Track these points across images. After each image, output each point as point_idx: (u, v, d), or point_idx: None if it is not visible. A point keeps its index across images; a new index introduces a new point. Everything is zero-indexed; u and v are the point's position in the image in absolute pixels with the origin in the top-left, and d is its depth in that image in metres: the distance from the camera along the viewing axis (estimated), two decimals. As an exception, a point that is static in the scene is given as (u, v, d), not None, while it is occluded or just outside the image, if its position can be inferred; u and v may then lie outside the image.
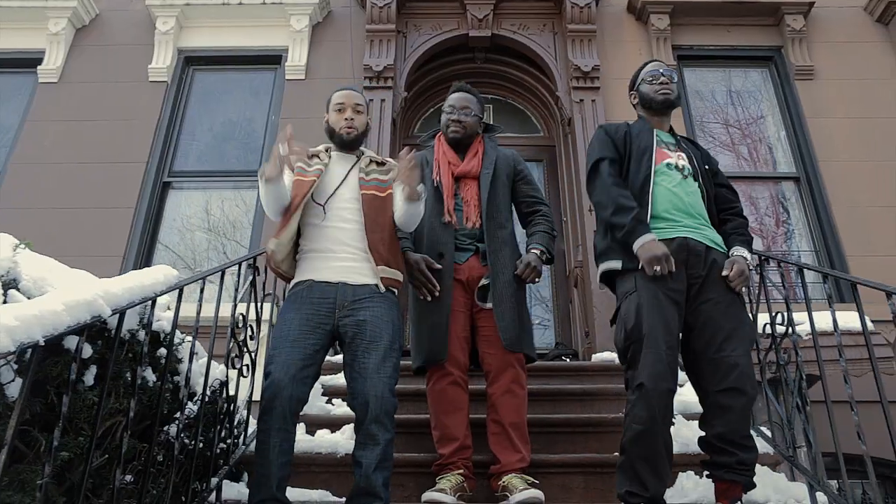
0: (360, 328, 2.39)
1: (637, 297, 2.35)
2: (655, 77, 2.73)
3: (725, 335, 2.28)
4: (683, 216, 2.47)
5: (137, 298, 1.86)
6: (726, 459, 2.23)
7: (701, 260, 2.40)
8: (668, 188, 2.50)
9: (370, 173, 2.67)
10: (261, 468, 2.26)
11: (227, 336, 2.56)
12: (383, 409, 2.31)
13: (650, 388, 2.21)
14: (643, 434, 2.21)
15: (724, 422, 2.24)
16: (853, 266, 5.17)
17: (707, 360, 2.31)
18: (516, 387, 2.76)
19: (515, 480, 2.57)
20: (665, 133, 2.72)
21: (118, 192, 5.50)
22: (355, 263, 2.49)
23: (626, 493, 2.22)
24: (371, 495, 2.25)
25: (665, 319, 2.29)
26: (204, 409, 2.36)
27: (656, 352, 2.24)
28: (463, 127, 3.03)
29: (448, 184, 2.96)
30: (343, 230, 2.53)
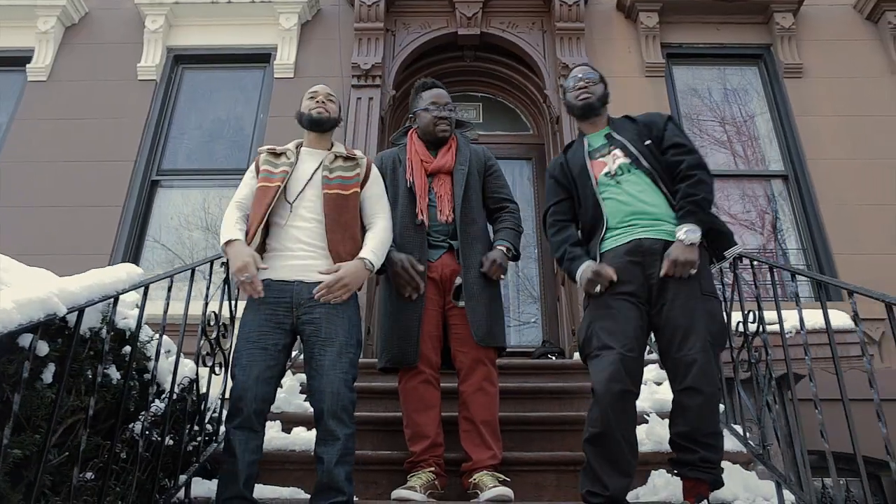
0: (315, 326, 2.40)
1: (590, 311, 2.43)
2: (575, 82, 2.73)
3: (683, 333, 2.27)
4: (637, 218, 2.46)
5: (97, 297, 1.86)
6: (690, 457, 2.23)
7: (657, 258, 2.38)
8: (614, 199, 2.51)
9: (334, 171, 2.66)
10: (228, 466, 2.28)
11: (198, 334, 2.56)
12: (340, 405, 2.33)
13: (601, 392, 2.24)
14: (599, 436, 2.23)
15: (685, 421, 2.24)
16: (840, 264, 5.17)
17: (669, 360, 2.31)
18: (488, 384, 2.76)
19: (486, 478, 2.58)
20: (596, 136, 2.69)
21: (106, 191, 5.51)
22: (313, 262, 2.49)
23: (586, 493, 2.23)
24: (334, 490, 2.27)
25: (618, 325, 2.31)
26: (172, 406, 2.37)
27: (608, 356, 2.27)
28: (450, 123, 3.04)
29: (421, 183, 2.95)
30: (302, 229, 2.54)
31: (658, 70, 5.97)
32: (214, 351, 2.68)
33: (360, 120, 5.63)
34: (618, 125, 2.70)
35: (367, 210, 2.69)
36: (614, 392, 2.22)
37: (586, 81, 2.71)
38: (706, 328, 2.28)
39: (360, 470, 2.86)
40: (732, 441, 2.80)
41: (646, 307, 2.39)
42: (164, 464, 2.37)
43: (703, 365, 2.23)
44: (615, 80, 5.87)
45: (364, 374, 3.89)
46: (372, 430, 3.23)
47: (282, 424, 3.11)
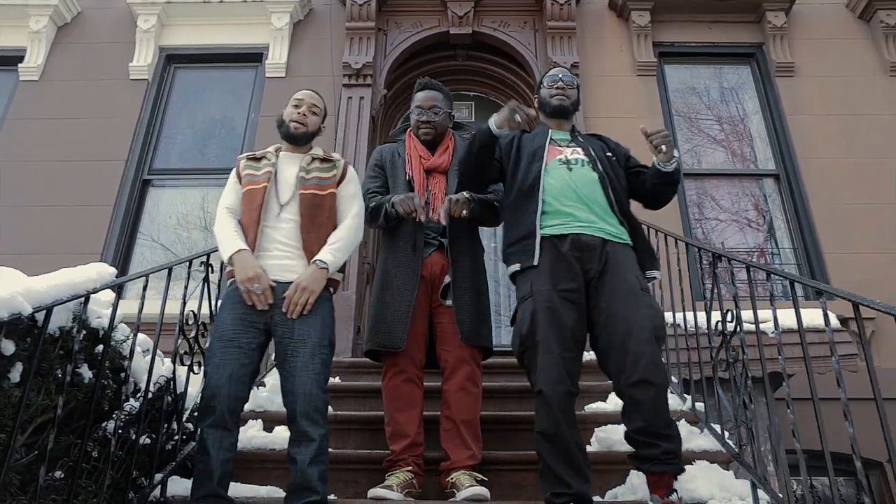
0: (288, 326, 2.41)
1: (532, 302, 2.38)
2: (554, 81, 2.75)
3: (627, 327, 2.27)
4: (578, 207, 2.47)
5: (65, 296, 1.87)
6: (652, 452, 2.22)
7: (595, 254, 2.40)
8: (560, 181, 2.52)
9: (311, 171, 2.68)
10: (202, 465, 2.29)
11: (175, 333, 2.57)
12: (312, 406, 2.33)
13: (549, 394, 2.24)
14: (552, 439, 2.23)
15: (640, 416, 2.22)
16: (830, 263, 5.17)
17: (614, 354, 2.29)
18: (470, 384, 2.76)
19: (463, 477, 2.58)
20: (561, 132, 2.72)
21: (98, 190, 5.52)
22: (288, 261, 2.50)
23: (550, 495, 2.22)
24: (308, 489, 2.27)
25: (561, 323, 2.31)
26: (149, 405, 2.37)
27: (552, 357, 2.27)
28: (433, 127, 3.04)
29: (420, 179, 2.98)
30: (279, 229, 2.55)
31: (650, 69, 5.97)
32: (193, 350, 2.69)
33: (350, 119, 5.64)
34: (582, 134, 2.77)
35: (340, 208, 2.70)
36: (561, 394, 2.23)
37: (566, 84, 2.74)
38: (650, 322, 2.29)
39: (340, 469, 2.88)
40: (711, 440, 2.80)
41: (584, 304, 2.40)
42: (140, 462, 2.38)
43: (650, 356, 2.22)
44: (607, 79, 5.93)
45: (351, 372, 3.93)
46: (356, 429, 3.23)
47: (263, 423, 3.11)
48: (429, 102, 3.06)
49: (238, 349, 2.37)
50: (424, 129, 3.03)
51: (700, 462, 2.66)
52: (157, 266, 2.59)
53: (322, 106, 2.85)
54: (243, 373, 2.37)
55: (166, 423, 2.53)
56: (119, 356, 2.31)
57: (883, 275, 5.04)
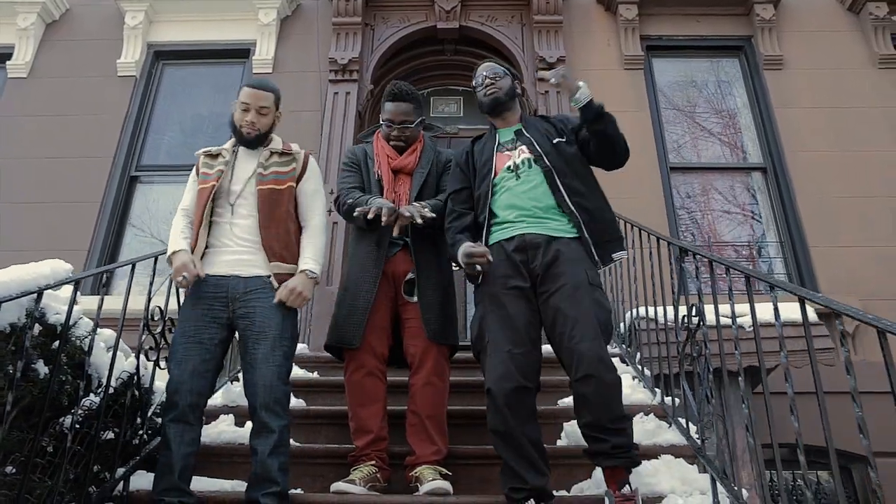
0: (249, 320, 2.44)
1: (482, 307, 2.45)
2: (481, 81, 2.74)
3: (573, 323, 2.27)
4: (522, 215, 2.50)
5: (15, 292, 1.88)
6: (601, 447, 2.23)
7: (540, 251, 2.42)
8: (507, 193, 2.55)
9: (269, 167, 2.69)
10: (164, 459, 2.32)
11: (140, 329, 2.59)
12: (273, 397, 2.35)
13: (495, 392, 2.26)
14: (503, 435, 2.25)
15: (588, 410, 2.22)
16: (816, 256, 5.15)
17: (562, 351, 2.30)
18: (437, 379, 2.77)
19: (427, 472, 2.59)
20: (508, 130, 2.72)
21: (85, 187, 5.55)
22: (248, 256, 2.52)
23: (509, 490, 2.23)
24: (268, 481, 2.29)
25: (509, 321, 2.34)
26: (110, 400, 2.39)
27: (498, 355, 2.29)
28: (403, 140, 3.01)
29: (389, 178, 2.98)
30: (238, 225, 2.58)
31: (637, 63, 5.95)
32: (159, 345, 2.70)
33: (336, 115, 5.64)
34: (529, 123, 2.74)
35: (302, 206, 2.72)
36: (507, 391, 2.24)
37: (492, 78, 2.72)
38: (595, 317, 2.29)
39: (308, 463, 2.89)
40: (677, 435, 2.80)
41: (534, 300, 2.42)
42: (104, 457, 2.39)
43: (598, 352, 2.22)
44: (594, 72, 5.90)
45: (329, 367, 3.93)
46: (328, 424, 3.24)
47: (235, 418, 3.12)
48: (400, 117, 2.98)
49: (199, 345, 2.40)
50: (395, 142, 3.02)
51: (665, 456, 2.66)
52: (119, 262, 2.60)
53: (271, 101, 2.74)
54: (205, 368, 2.39)
55: (131, 417, 2.54)
56: (80, 352, 2.32)
57: (868, 268, 5.03)
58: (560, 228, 2.47)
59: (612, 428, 2.20)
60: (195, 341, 2.41)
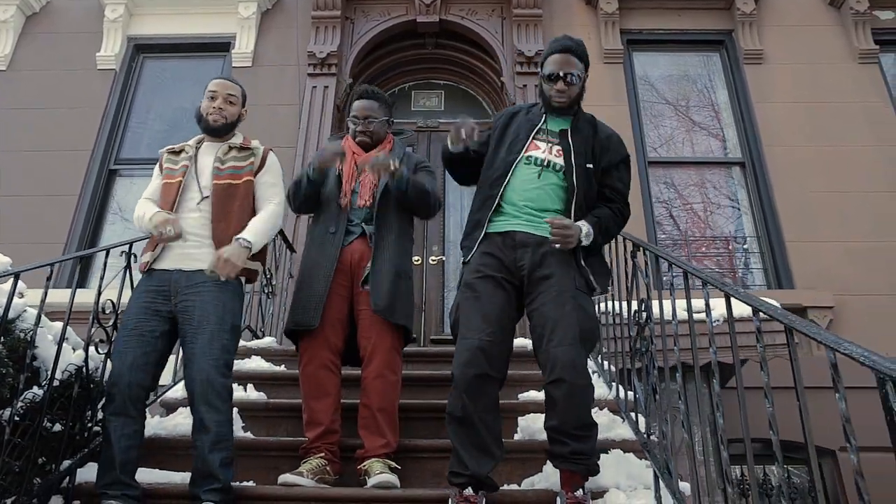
0: (188, 313, 2.45)
1: (459, 294, 2.47)
2: (553, 75, 2.50)
3: (552, 326, 2.26)
4: (524, 211, 2.46)
5: (-54, 285, 1.88)
6: (562, 450, 2.23)
7: (529, 251, 2.40)
8: (522, 186, 2.49)
9: (227, 161, 2.71)
10: (105, 453, 2.32)
11: (90, 321, 2.59)
12: (212, 391, 2.36)
13: (458, 378, 2.28)
14: (459, 420, 2.26)
15: (555, 413, 2.22)
16: (792, 251, 5.15)
17: (541, 352, 2.30)
18: (388, 372, 2.77)
19: (376, 465, 2.60)
20: (558, 121, 2.56)
21: (63, 180, 5.55)
22: (195, 251, 2.53)
23: (450, 474, 2.26)
24: (210, 476, 2.30)
25: (483, 309, 2.33)
26: (56, 392, 2.40)
27: (467, 341, 2.30)
28: (368, 136, 3.06)
29: (348, 171, 3.01)
30: (189, 219, 2.59)
31: (617, 57, 5.93)
32: (111, 338, 2.71)
33: (314, 108, 5.64)
34: (579, 128, 2.56)
35: (259, 195, 2.73)
36: (469, 377, 2.25)
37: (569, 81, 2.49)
38: (577, 322, 2.27)
39: (264, 456, 2.90)
40: (629, 430, 2.81)
41: (514, 293, 2.41)
42: (51, 450, 2.40)
43: (573, 357, 2.21)
44: (573, 67, 5.88)
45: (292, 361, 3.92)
46: (287, 417, 3.25)
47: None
48: (364, 113, 3.06)
49: (140, 337, 2.40)
50: (360, 138, 3.07)
51: (615, 451, 2.66)
52: (66, 256, 2.60)
53: (238, 93, 2.85)
54: (145, 361, 2.39)
55: (79, 410, 2.55)
56: (23, 343, 2.33)
57: (843, 263, 5.03)
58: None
59: (575, 434, 2.21)
60: (136, 334, 2.42)
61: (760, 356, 1.73)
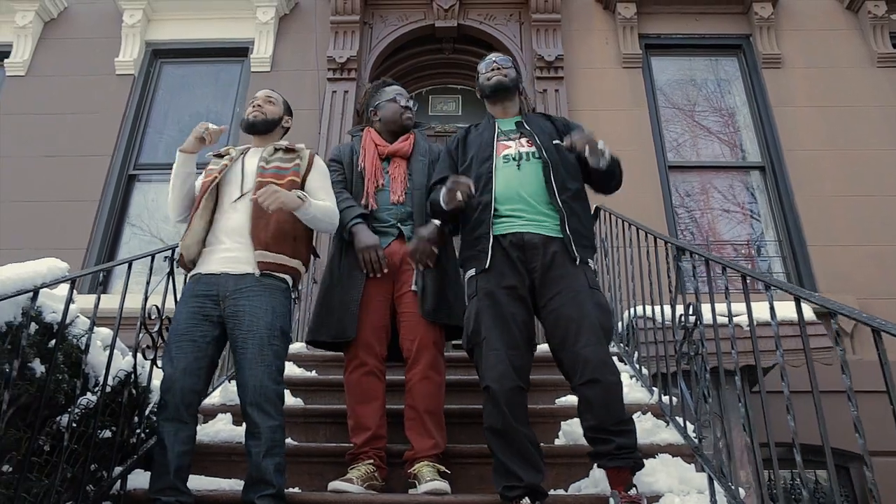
0: (238, 319, 2.43)
1: (476, 301, 2.44)
2: (487, 66, 2.78)
3: (576, 327, 2.28)
4: (521, 208, 2.49)
5: (10, 291, 1.87)
6: (606, 448, 2.23)
7: (538, 252, 2.41)
8: (507, 182, 2.53)
9: (271, 161, 2.71)
10: (159, 458, 2.31)
11: (137, 327, 2.58)
12: (263, 397, 2.34)
13: (496, 390, 2.26)
14: (501, 434, 2.25)
15: (593, 414, 2.23)
16: (814, 255, 5.15)
17: (565, 355, 2.31)
18: (433, 373, 2.76)
19: (425, 469, 2.58)
20: (508, 120, 2.72)
21: (83, 186, 5.54)
22: (239, 253, 2.51)
23: (503, 488, 2.24)
24: (263, 483, 2.28)
25: (505, 321, 2.34)
26: (107, 399, 2.39)
27: (497, 354, 2.29)
28: (413, 115, 3.16)
29: (371, 166, 3.00)
30: (233, 220, 2.58)
31: (636, 61, 5.94)
32: (157, 344, 2.70)
33: (335, 113, 5.64)
34: (530, 118, 2.75)
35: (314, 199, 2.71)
36: (508, 389, 2.25)
37: (500, 64, 2.76)
38: (598, 321, 2.31)
39: (307, 462, 2.89)
40: (675, 434, 2.80)
41: (529, 300, 2.42)
42: (102, 456, 2.39)
43: (602, 356, 2.24)
44: (592, 71, 5.91)
45: (327, 366, 3.93)
46: (325, 423, 3.24)
47: (232, 417, 3.12)
48: (406, 93, 3.19)
49: (192, 343, 2.39)
50: (408, 114, 3.14)
51: (663, 455, 2.66)
52: (117, 261, 2.60)
53: (279, 98, 2.91)
54: (197, 366, 2.38)
55: (128, 416, 2.54)
56: (76, 350, 2.31)
57: (866, 267, 5.03)
58: (555, 227, 2.47)
59: (616, 430, 2.21)
60: (188, 339, 2.40)
61: (841, 359, 1.72)
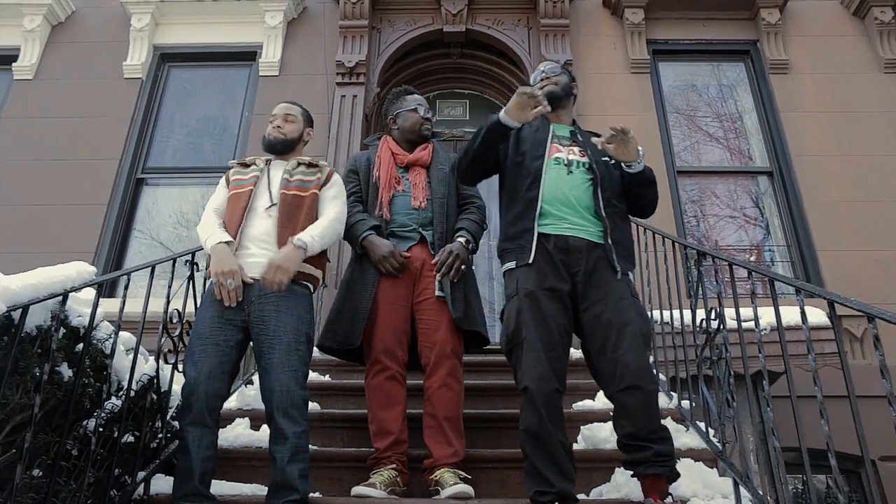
0: (264, 324, 2.43)
1: (517, 301, 2.41)
2: (536, 79, 2.78)
3: (617, 334, 2.28)
4: (567, 211, 2.48)
5: (43, 295, 1.87)
6: (643, 455, 2.23)
7: (582, 257, 2.42)
8: (557, 184, 2.53)
9: (295, 174, 2.73)
10: (183, 464, 2.30)
11: (159, 331, 2.58)
12: (290, 402, 2.34)
13: (535, 391, 2.26)
14: (537, 436, 2.24)
15: (630, 421, 2.23)
16: (823, 260, 5.16)
17: (604, 361, 2.31)
18: (452, 380, 2.76)
19: (447, 475, 2.58)
20: (563, 126, 2.71)
21: (91, 189, 5.53)
22: (264, 259, 2.51)
23: (534, 493, 2.23)
24: (288, 488, 2.28)
25: (545, 322, 2.33)
26: (130, 403, 2.38)
27: (536, 354, 2.29)
28: (430, 128, 3.16)
29: (387, 177, 3.01)
30: (258, 227, 2.58)
31: (643, 66, 5.96)
32: (178, 348, 2.69)
33: (343, 118, 5.64)
34: (582, 131, 2.73)
35: (321, 207, 2.74)
36: (547, 392, 2.25)
37: (549, 74, 2.76)
38: (639, 328, 2.31)
39: (326, 467, 2.88)
40: (696, 438, 2.80)
41: (569, 304, 2.42)
42: (124, 461, 2.38)
43: (644, 363, 2.25)
44: (600, 76, 5.92)
45: (340, 370, 3.92)
46: (342, 427, 3.23)
47: (250, 422, 3.11)
48: (427, 105, 3.20)
49: (215, 346, 2.39)
50: (428, 125, 3.15)
51: (685, 460, 2.65)
52: (140, 265, 2.59)
53: (299, 113, 2.89)
54: (221, 370, 2.38)
55: (150, 421, 2.53)
56: (101, 354, 2.31)
57: (875, 273, 5.04)
58: (598, 235, 2.47)
59: (654, 437, 2.21)
60: (211, 343, 2.40)
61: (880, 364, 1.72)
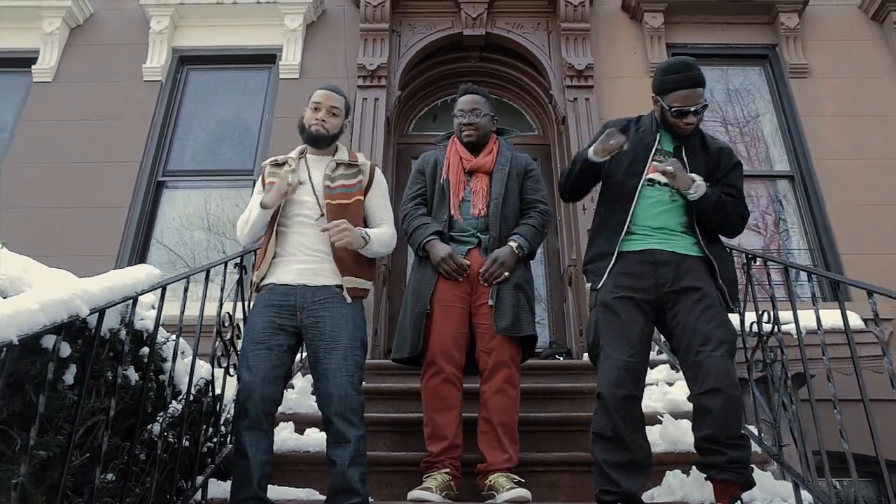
0: (319, 329, 2.42)
1: (596, 312, 2.47)
2: (683, 114, 2.52)
3: (702, 338, 2.29)
4: (659, 231, 2.50)
5: (117, 298, 1.86)
6: (716, 459, 2.23)
7: (672, 267, 2.43)
8: (650, 205, 2.52)
9: (336, 179, 2.68)
10: (240, 468, 2.28)
11: (213, 335, 2.56)
12: (348, 407, 2.34)
13: (607, 397, 2.29)
14: (608, 440, 2.28)
15: (709, 424, 2.23)
16: (846, 264, 5.16)
17: (688, 364, 2.33)
18: (508, 386, 2.75)
19: (502, 479, 2.57)
20: (669, 139, 2.63)
21: (112, 192, 5.50)
22: (315, 265, 2.51)
23: (600, 492, 2.26)
24: (349, 492, 2.27)
25: (623, 329, 2.36)
26: (189, 407, 2.37)
27: (612, 362, 2.32)
28: (475, 129, 3.05)
29: (455, 180, 3.01)
30: (307, 235, 2.57)
31: (664, 70, 5.96)
32: (229, 352, 2.68)
33: (365, 121, 5.63)
34: (692, 146, 2.63)
35: (372, 217, 2.74)
36: (619, 397, 2.28)
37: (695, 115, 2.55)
38: (725, 335, 2.32)
39: (374, 471, 2.85)
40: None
41: (652, 313, 2.44)
42: (180, 465, 2.36)
43: (727, 367, 2.25)
44: (620, 80, 5.94)
45: (375, 375, 3.91)
46: (384, 432, 3.23)
47: (295, 426, 3.10)
48: (470, 105, 3.09)
49: (269, 351, 2.38)
50: (467, 132, 3.06)
51: (737, 463, 2.66)
52: (196, 268, 2.58)
53: (342, 105, 2.78)
54: (275, 374, 2.37)
55: (205, 425, 2.52)
56: (160, 358, 2.29)
57: (897, 275, 5.04)
58: (690, 247, 2.48)
59: (730, 443, 2.21)
60: (264, 348, 2.39)
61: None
